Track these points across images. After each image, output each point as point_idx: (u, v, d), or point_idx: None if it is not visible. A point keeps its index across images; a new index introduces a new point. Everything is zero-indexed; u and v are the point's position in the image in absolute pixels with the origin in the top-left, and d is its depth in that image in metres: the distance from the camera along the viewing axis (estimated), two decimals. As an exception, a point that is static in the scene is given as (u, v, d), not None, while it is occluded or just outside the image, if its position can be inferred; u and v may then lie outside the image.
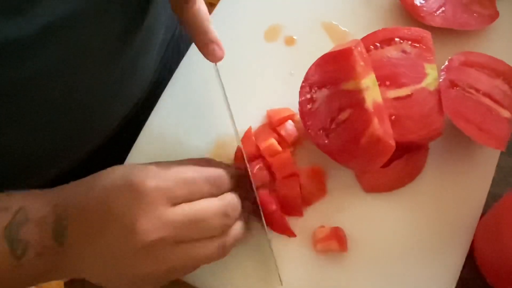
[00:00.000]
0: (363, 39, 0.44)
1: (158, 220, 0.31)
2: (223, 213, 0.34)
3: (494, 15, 0.46)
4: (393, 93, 0.41)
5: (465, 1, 0.47)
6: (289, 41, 0.49)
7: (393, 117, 0.40)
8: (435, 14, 0.46)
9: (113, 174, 0.34)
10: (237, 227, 0.36)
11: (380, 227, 0.40)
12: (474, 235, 0.39)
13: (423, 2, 0.47)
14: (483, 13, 0.46)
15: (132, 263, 0.32)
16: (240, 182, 0.38)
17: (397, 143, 0.40)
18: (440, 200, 0.41)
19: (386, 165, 0.41)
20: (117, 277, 0.33)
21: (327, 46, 0.48)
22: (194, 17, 0.38)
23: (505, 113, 0.41)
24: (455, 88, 0.41)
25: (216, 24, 0.45)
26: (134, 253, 0.31)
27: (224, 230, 0.34)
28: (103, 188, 0.33)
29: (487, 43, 0.46)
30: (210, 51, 0.38)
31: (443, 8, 0.46)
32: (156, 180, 0.33)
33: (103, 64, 0.41)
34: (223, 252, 0.35)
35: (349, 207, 0.41)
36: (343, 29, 0.49)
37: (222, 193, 0.35)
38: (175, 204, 0.33)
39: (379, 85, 0.41)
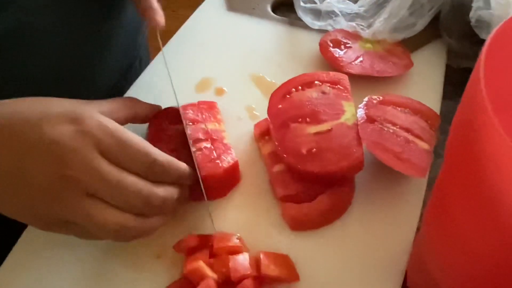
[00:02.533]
0: (286, 83, 0.45)
1: (84, 162, 0.30)
2: (146, 199, 0.32)
3: (409, 64, 0.50)
4: (314, 128, 0.42)
5: (382, 54, 0.50)
6: (219, 92, 0.50)
7: (314, 150, 0.40)
8: (354, 64, 0.49)
9: (62, 102, 0.33)
10: (151, 224, 0.33)
11: (311, 266, 0.37)
12: (407, 265, 0.37)
13: (342, 53, 0.50)
14: (399, 63, 0.50)
15: (42, 193, 0.30)
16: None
17: (319, 176, 0.39)
18: (371, 234, 0.39)
19: (310, 199, 0.39)
20: (17, 203, 0.31)
21: (254, 95, 0.49)
22: None
23: (425, 145, 0.41)
24: (373, 122, 0.42)
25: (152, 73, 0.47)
26: (52, 183, 0.29)
27: (137, 216, 0.32)
28: (41, 110, 0.31)
29: (403, 88, 0.48)
30: (151, 16, 0.40)
31: (361, 59, 0.49)
32: (97, 125, 0.31)
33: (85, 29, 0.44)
34: (123, 235, 0.32)
35: (277, 246, 0.38)
36: (269, 80, 0.51)
37: (159, 182, 0.33)
38: (104, 157, 0.31)
39: (300, 122, 0.42)
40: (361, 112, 0.42)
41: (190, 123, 0.43)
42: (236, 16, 0.59)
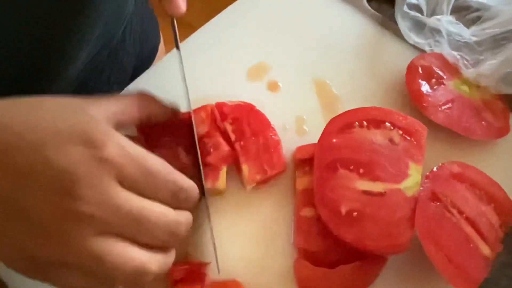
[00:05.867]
0: (350, 112, 0.37)
1: (101, 194, 0.24)
2: (172, 231, 0.27)
3: (504, 129, 0.40)
4: (365, 184, 0.34)
5: (477, 105, 0.41)
6: (273, 86, 0.43)
7: (355, 213, 0.33)
8: (439, 109, 0.40)
9: (65, 112, 0.26)
10: (171, 259, 0.28)
11: None
12: None
13: (430, 91, 0.41)
14: (493, 124, 0.40)
15: (41, 230, 0.24)
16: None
17: (350, 246, 0.33)
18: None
19: (330, 264, 0.34)
20: (7, 241, 0.25)
21: (311, 104, 0.42)
22: None
23: (485, 250, 0.34)
24: (435, 202, 0.34)
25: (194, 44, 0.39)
26: (57, 219, 0.24)
27: (160, 250, 0.27)
28: (44, 125, 0.25)
29: (488, 157, 0.40)
30: (172, 3, 0.31)
31: (449, 105, 0.40)
32: (117, 150, 0.25)
33: None
34: (142, 278, 0.26)
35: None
36: (334, 91, 0.42)
37: (179, 208, 0.28)
38: (122, 185, 0.25)
39: (351, 170, 0.35)
40: (426, 184, 0.34)
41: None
42: (323, -8, 0.48)
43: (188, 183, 0.28)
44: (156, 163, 0.26)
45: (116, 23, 0.45)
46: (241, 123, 0.38)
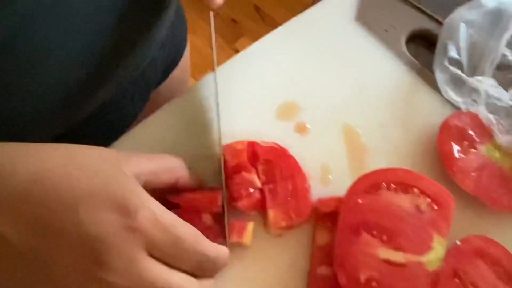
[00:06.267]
0: (379, 173, 0.36)
1: (128, 265, 0.24)
2: None
3: (532, 204, 0.39)
4: (387, 253, 0.34)
5: (507, 174, 0.40)
6: (301, 128, 0.42)
7: (374, 283, 0.33)
8: (469, 176, 0.39)
9: (100, 168, 0.25)
10: None
11: None
12: None
13: (462, 155, 0.40)
14: (521, 196, 0.39)
15: None
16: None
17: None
18: None
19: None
20: None
21: (338, 152, 0.41)
22: None
23: (499, 333, 0.33)
24: (455, 279, 0.34)
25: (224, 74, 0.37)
26: (80, 284, 0.24)
27: None
28: (82, 186, 0.24)
29: None
30: None
31: (479, 172, 0.39)
32: (150, 219, 0.25)
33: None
34: None
35: None
36: (363, 140, 0.42)
37: (205, 277, 0.28)
38: (151, 253, 0.25)
39: (374, 236, 0.34)
40: (448, 260, 0.34)
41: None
42: (361, 31, 0.47)
43: (215, 253, 0.28)
44: (186, 232, 0.26)
45: (151, 48, 0.43)
46: (273, 166, 0.38)
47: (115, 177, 0.25)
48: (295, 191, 0.37)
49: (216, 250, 0.28)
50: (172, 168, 0.31)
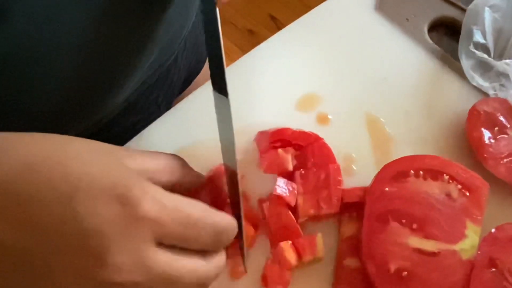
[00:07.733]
0: (405, 159, 0.35)
1: (137, 258, 0.22)
2: (202, 284, 0.25)
3: None
4: (417, 241, 0.32)
5: (541, 159, 0.38)
6: (322, 119, 0.41)
7: (405, 273, 0.31)
8: (501, 162, 0.37)
9: (97, 157, 0.23)
10: None
11: None
12: None
13: (492, 141, 0.38)
14: (557, 183, 0.37)
15: None
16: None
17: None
18: None
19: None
20: None
21: (361, 142, 0.40)
22: None
23: (542, 324, 0.31)
24: (492, 268, 0.32)
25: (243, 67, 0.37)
26: (82, 286, 0.22)
27: None
28: (78, 176, 0.22)
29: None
30: None
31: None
32: (154, 205, 0.23)
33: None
34: None
35: None
36: (387, 130, 0.40)
37: (214, 251, 0.27)
38: (159, 244, 0.24)
39: (403, 224, 0.33)
40: (483, 248, 0.32)
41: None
42: (381, 21, 0.46)
43: (226, 222, 0.26)
44: (193, 208, 0.25)
45: (172, 46, 0.43)
46: (306, 152, 0.37)
47: (114, 166, 0.24)
48: (327, 181, 0.36)
49: (225, 219, 0.26)
50: (172, 167, 0.29)
